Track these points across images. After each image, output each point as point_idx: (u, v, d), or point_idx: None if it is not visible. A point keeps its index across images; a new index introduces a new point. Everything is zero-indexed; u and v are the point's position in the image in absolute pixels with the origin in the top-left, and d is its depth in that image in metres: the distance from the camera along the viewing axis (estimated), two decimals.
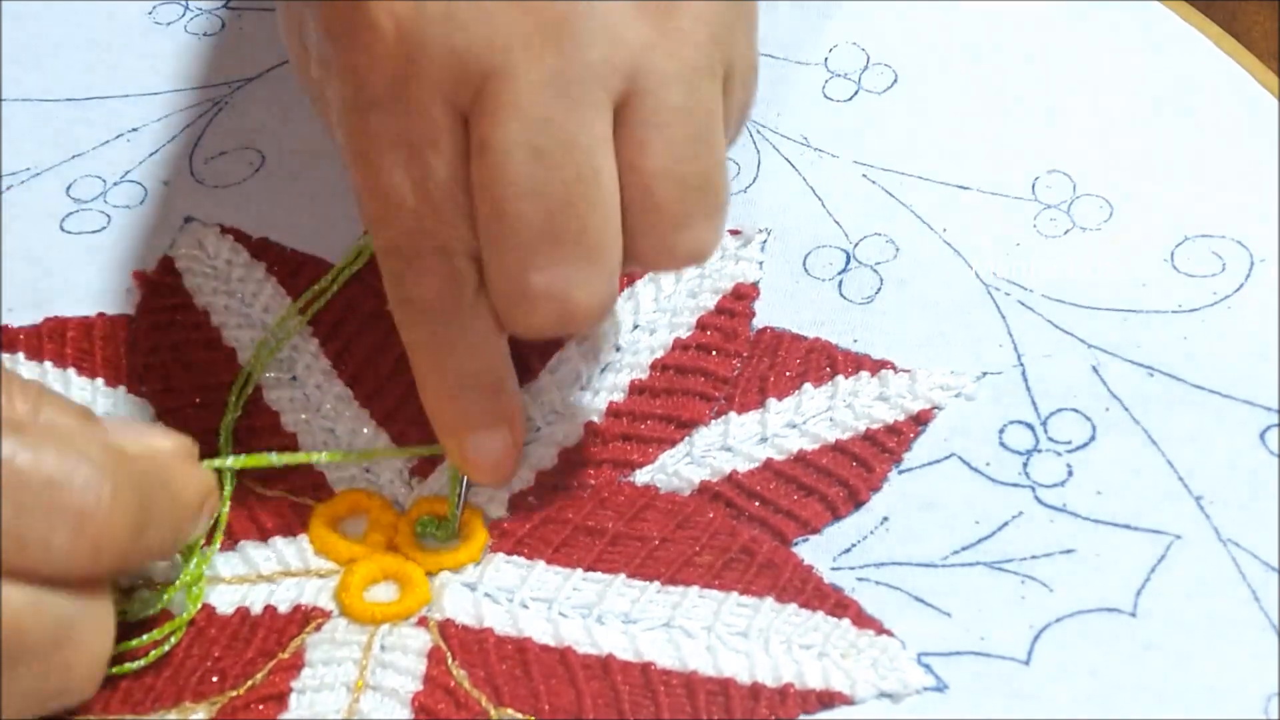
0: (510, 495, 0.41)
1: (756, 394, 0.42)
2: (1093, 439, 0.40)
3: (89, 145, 0.51)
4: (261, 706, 0.36)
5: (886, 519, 0.39)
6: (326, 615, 0.38)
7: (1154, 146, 0.47)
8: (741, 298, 0.44)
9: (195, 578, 0.38)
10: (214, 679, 0.37)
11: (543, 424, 0.42)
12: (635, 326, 0.44)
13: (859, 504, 0.40)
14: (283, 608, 0.38)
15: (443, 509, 0.40)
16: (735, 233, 0.46)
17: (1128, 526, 0.39)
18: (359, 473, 0.41)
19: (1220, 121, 0.48)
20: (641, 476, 0.41)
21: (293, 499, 0.41)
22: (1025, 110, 0.49)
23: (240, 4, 0.56)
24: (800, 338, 0.44)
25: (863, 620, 0.37)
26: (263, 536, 0.40)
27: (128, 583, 0.38)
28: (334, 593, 0.39)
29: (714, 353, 0.43)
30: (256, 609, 0.38)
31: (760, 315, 0.44)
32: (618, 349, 0.43)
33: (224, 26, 0.55)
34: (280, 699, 0.36)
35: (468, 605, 0.38)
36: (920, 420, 0.41)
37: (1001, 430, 0.41)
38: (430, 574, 0.39)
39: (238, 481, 0.41)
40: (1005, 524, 0.39)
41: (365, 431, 0.42)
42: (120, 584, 0.38)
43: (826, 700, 0.36)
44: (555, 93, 0.33)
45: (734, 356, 0.43)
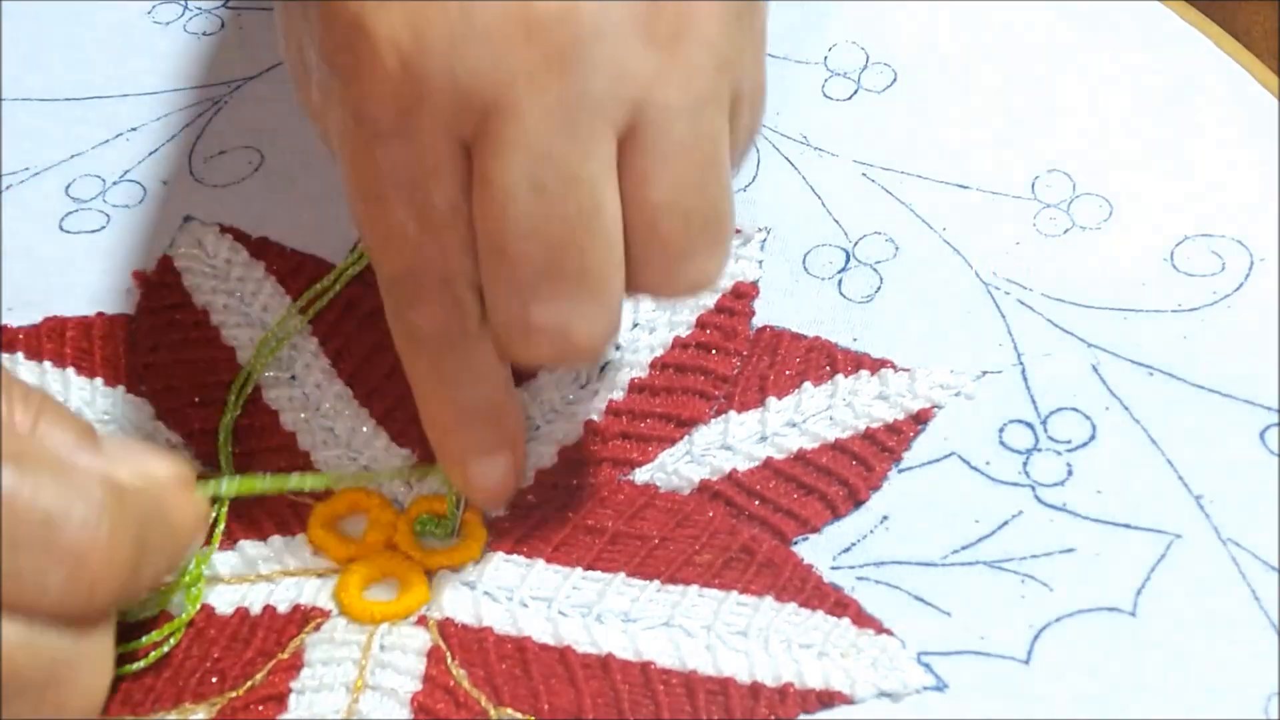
0: None
1: (756, 393, 0.42)
2: (1093, 438, 0.40)
3: (88, 145, 0.51)
4: (261, 707, 0.36)
5: (886, 518, 0.39)
6: (326, 615, 0.38)
7: (1154, 146, 0.47)
8: (741, 296, 0.44)
9: (194, 578, 0.38)
10: (213, 679, 0.37)
11: (542, 423, 0.42)
12: (635, 325, 0.44)
13: (859, 503, 0.40)
14: (282, 607, 0.38)
15: (442, 507, 0.40)
16: (735, 231, 0.46)
17: (1128, 526, 0.39)
18: (359, 471, 0.41)
19: (1220, 121, 0.48)
20: (641, 475, 0.41)
21: (291, 497, 0.41)
22: (1025, 109, 0.49)
23: (239, 3, 0.56)
24: (800, 336, 0.44)
25: (862, 619, 0.37)
26: (261, 536, 0.40)
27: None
28: (333, 592, 0.39)
29: (714, 351, 0.43)
30: (255, 609, 0.38)
31: (760, 314, 0.44)
32: (617, 347, 0.43)
33: (223, 26, 0.55)
34: (280, 699, 0.36)
35: (467, 604, 0.38)
36: (920, 419, 0.41)
37: (1001, 429, 0.41)
38: (429, 572, 0.39)
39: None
40: (1005, 523, 0.39)
41: (364, 430, 0.42)
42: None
43: (826, 699, 0.36)
44: (558, 126, 0.33)
45: (734, 355, 0.43)
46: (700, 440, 0.41)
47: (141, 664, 0.37)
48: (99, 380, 0.43)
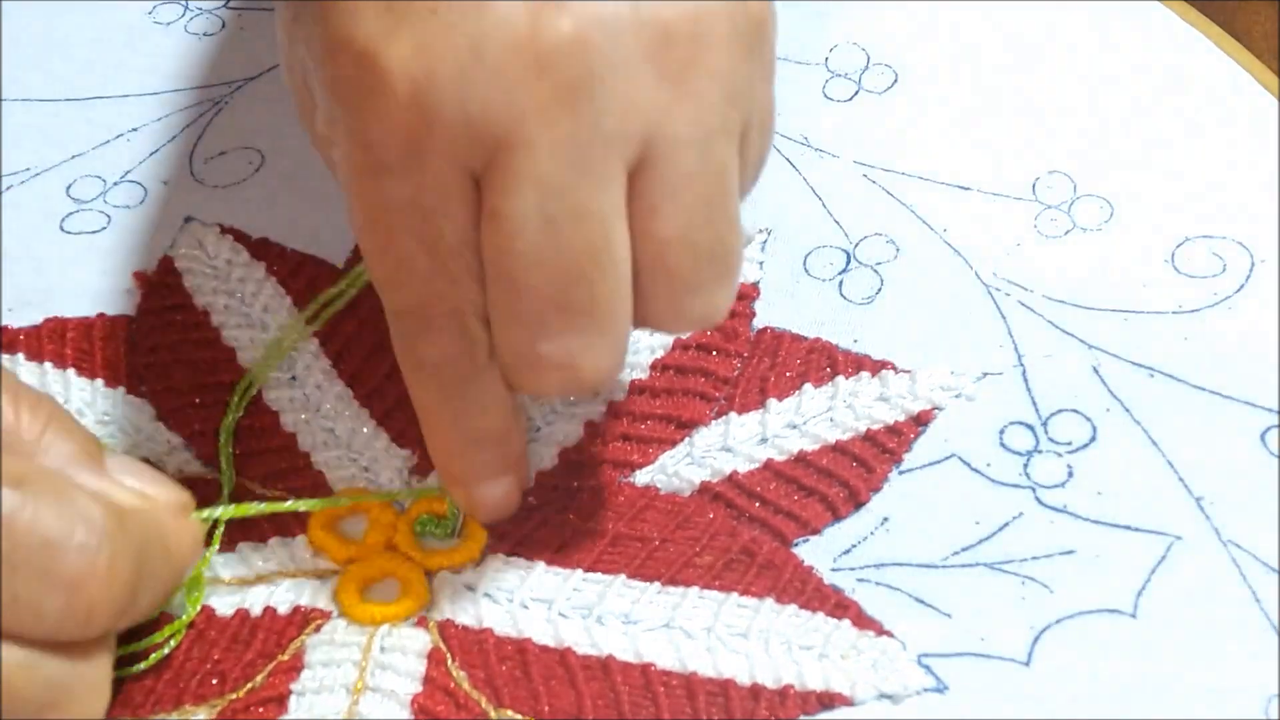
0: None
1: (757, 394, 0.42)
2: (1093, 440, 0.40)
3: (89, 145, 0.51)
4: (261, 709, 0.36)
5: (887, 520, 0.39)
6: (326, 616, 0.38)
7: (1154, 147, 0.47)
8: (742, 298, 0.44)
9: (194, 580, 0.38)
10: (214, 681, 0.37)
11: (543, 424, 0.42)
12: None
13: (859, 504, 0.40)
14: (282, 609, 0.38)
15: (442, 508, 0.40)
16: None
17: (1128, 527, 0.39)
18: (358, 472, 0.41)
19: (1220, 121, 0.48)
20: (641, 477, 0.41)
21: (292, 498, 0.41)
22: (1026, 110, 0.49)
23: (240, 4, 0.56)
24: (800, 338, 0.43)
25: (863, 621, 0.37)
26: (261, 537, 0.40)
27: None
28: (333, 593, 0.39)
29: (714, 353, 0.43)
30: (256, 610, 0.38)
31: (760, 315, 0.44)
32: None
33: (224, 26, 0.55)
34: (280, 701, 0.36)
35: (467, 605, 0.38)
36: (920, 421, 0.41)
37: (1002, 431, 0.41)
38: (429, 573, 0.39)
39: (236, 482, 0.41)
40: (1005, 525, 0.39)
41: (365, 431, 0.42)
42: None
43: (826, 701, 0.36)
44: (569, 161, 0.32)
45: (734, 356, 0.43)
46: (701, 442, 0.41)
47: (142, 666, 0.37)
48: (100, 381, 0.43)
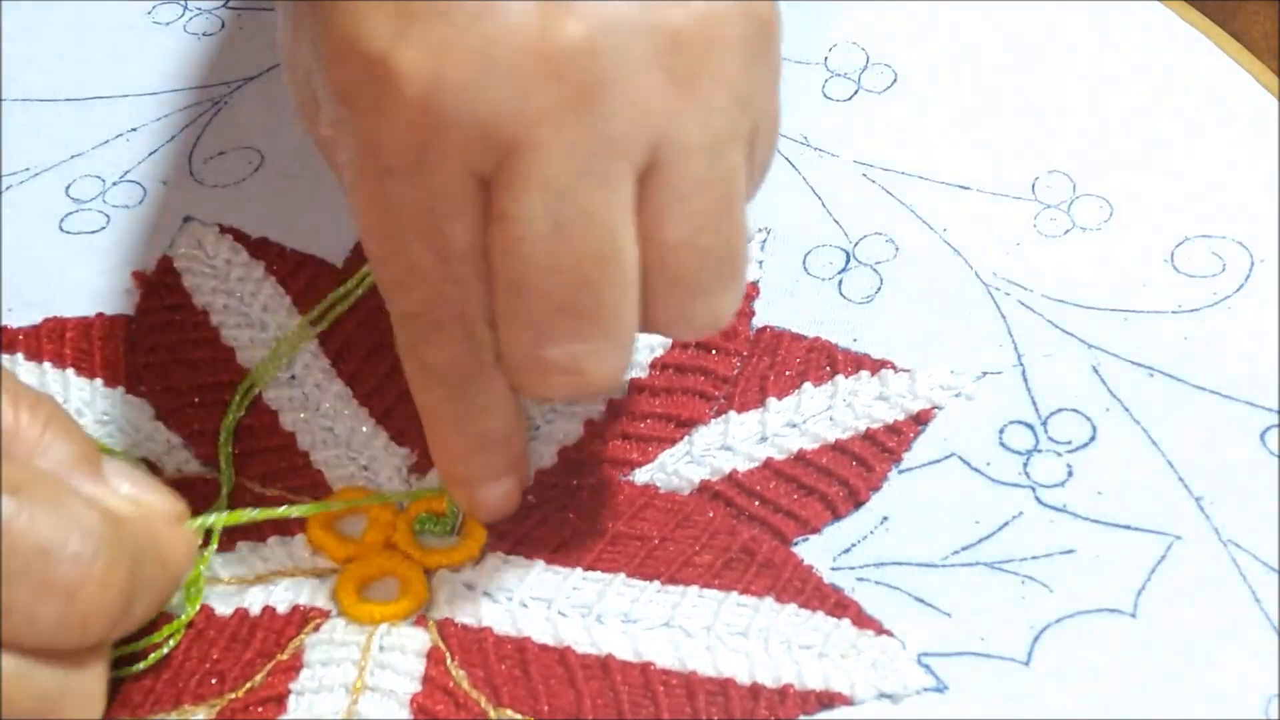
0: None
1: (756, 393, 0.42)
2: (1093, 439, 0.40)
3: (88, 145, 0.51)
4: (260, 708, 0.36)
5: (886, 519, 0.39)
6: (325, 615, 0.38)
7: (1154, 147, 0.47)
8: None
9: (193, 579, 0.38)
10: (213, 681, 0.37)
11: (542, 422, 0.42)
12: None
13: (859, 504, 0.40)
14: (281, 608, 0.38)
15: (441, 506, 0.40)
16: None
17: (1128, 527, 0.39)
18: (357, 471, 0.41)
19: (1220, 121, 0.48)
20: (641, 475, 0.41)
21: (291, 498, 0.41)
22: (1025, 110, 0.49)
23: (240, 4, 0.56)
24: (800, 337, 0.43)
25: (862, 620, 0.37)
26: (260, 536, 0.40)
27: None
28: (332, 593, 0.39)
29: (713, 351, 0.43)
30: (255, 610, 0.38)
31: (760, 314, 0.44)
32: None
33: (223, 26, 0.55)
34: (279, 700, 0.36)
35: (467, 604, 0.38)
36: (920, 420, 0.41)
37: (1001, 430, 0.41)
38: (428, 572, 0.39)
39: (236, 482, 0.41)
40: (1005, 524, 0.39)
41: (364, 430, 0.42)
42: None
43: (826, 701, 0.36)
44: (579, 166, 0.32)
45: (734, 355, 0.43)
46: (700, 441, 0.41)
47: (141, 666, 0.37)
48: (99, 381, 0.43)
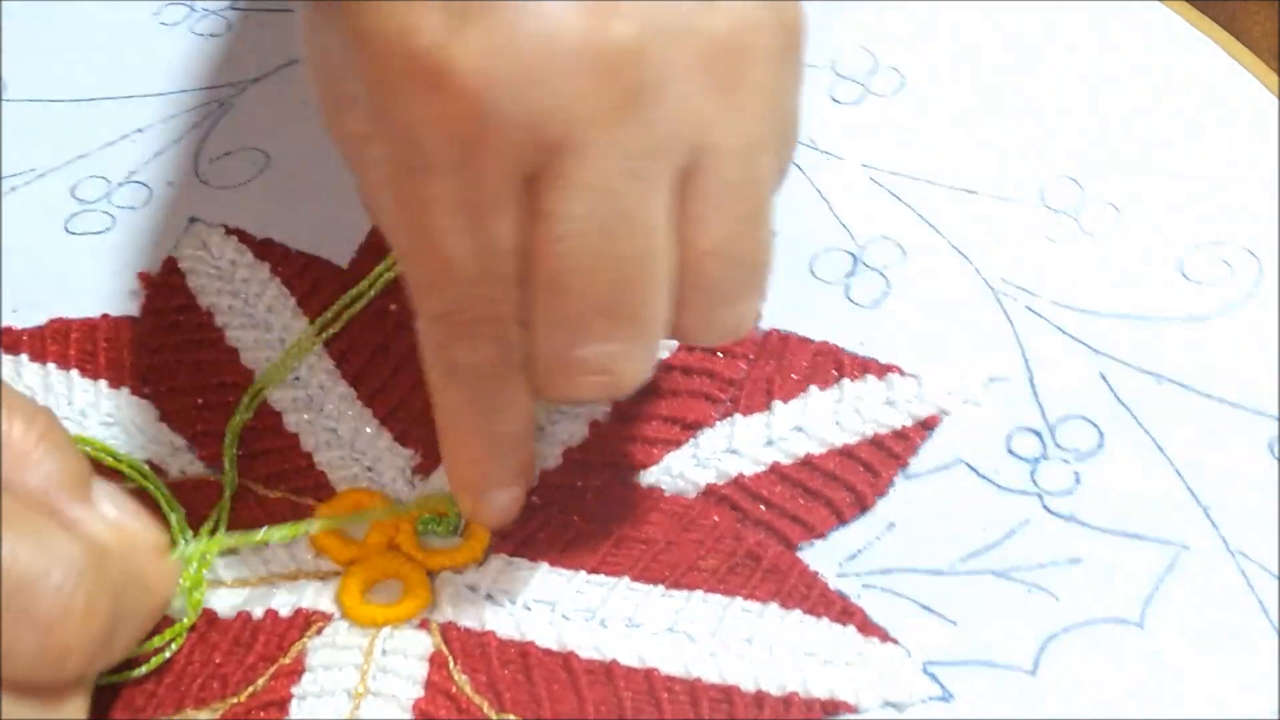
0: None
1: (762, 396, 0.42)
2: (1101, 447, 0.40)
3: (94, 146, 0.51)
4: (262, 713, 0.36)
5: (892, 525, 0.39)
6: (327, 618, 0.38)
7: (1163, 153, 0.47)
8: None
9: (195, 582, 0.38)
10: (215, 684, 0.37)
11: (547, 424, 0.42)
12: None
13: (865, 509, 0.40)
14: (284, 611, 0.38)
15: (444, 507, 0.40)
16: None
17: (1136, 536, 0.38)
18: (360, 471, 0.41)
19: (1231, 128, 0.48)
20: (646, 478, 0.41)
21: (294, 499, 0.41)
22: (1034, 114, 0.49)
23: (246, 5, 0.56)
24: (807, 340, 0.43)
25: (868, 628, 0.37)
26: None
27: None
28: (335, 595, 0.38)
29: (719, 354, 0.43)
30: (258, 613, 0.38)
31: (766, 317, 0.44)
32: None
33: (229, 27, 0.55)
34: (281, 704, 0.36)
35: (470, 607, 0.38)
36: (927, 425, 0.41)
37: (1009, 437, 0.41)
38: (431, 573, 0.39)
39: (239, 484, 0.41)
40: (1012, 532, 0.39)
41: (367, 431, 0.42)
42: None
43: (831, 709, 0.36)
44: (626, 168, 0.32)
45: (740, 358, 0.43)
46: (706, 444, 0.41)
47: (143, 670, 0.37)
48: (103, 382, 0.43)
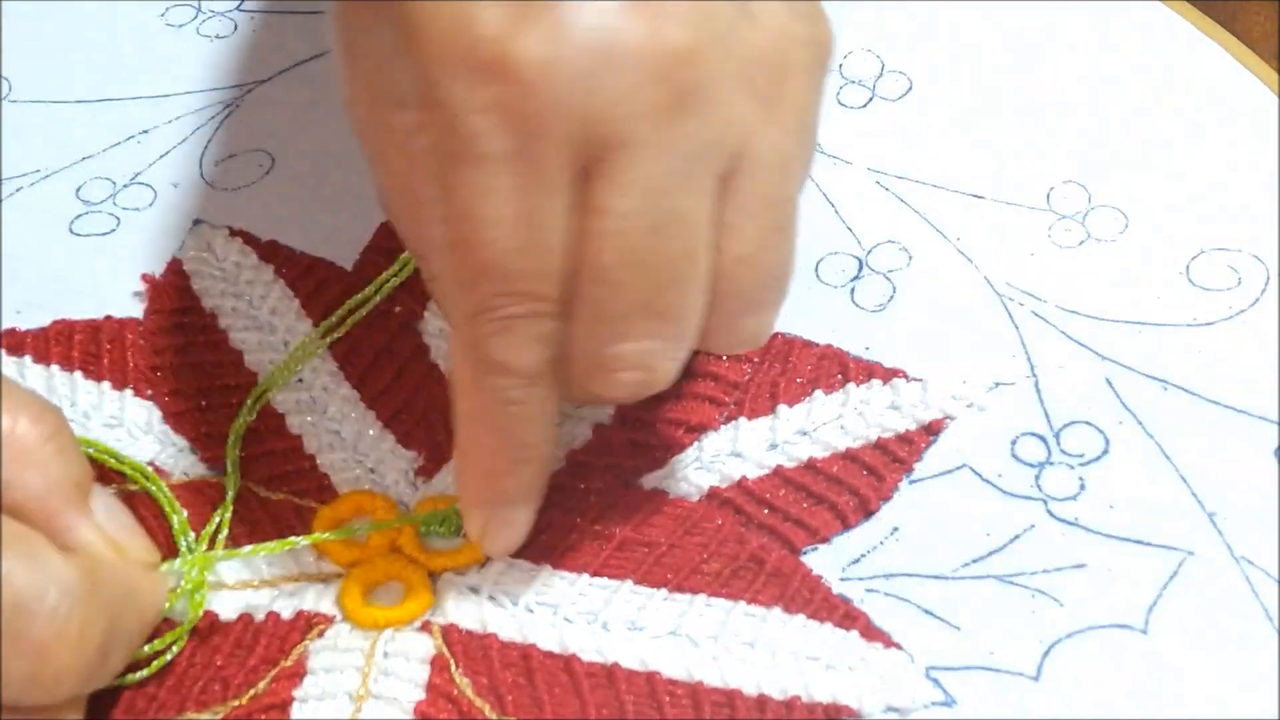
0: None
1: (767, 400, 0.42)
2: (1105, 452, 0.40)
3: (99, 147, 0.51)
4: (264, 715, 0.36)
5: (896, 529, 0.39)
6: (329, 621, 0.38)
7: (1170, 159, 0.47)
8: None
9: (197, 584, 0.38)
10: (216, 687, 0.37)
11: None
12: None
13: (869, 513, 0.39)
14: (286, 613, 0.38)
15: (446, 508, 0.40)
16: None
17: (1140, 542, 0.38)
18: (363, 474, 0.41)
19: (1231, 128, 0.48)
20: (650, 481, 0.40)
21: (297, 501, 0.41)
22: (1041, 119, 0.49)
23: (252, 7, 0.56)
24: (812, 344, 0.43)
25: (871, 632, 0.37)
26: (265, 541, 0.40)
27: None
28: (336, 597, 0.38)
29: (724, 357, 0.43)
30: (259, 615, 0.38)
31: None
32: None
33: (236, 29, 0.55)
34: (283, 707, 0.36)
35: (472, 610, 0.38)
36: (932, 430, 0.41)
37: (1014, 442, 0.41)
38: (433, 575, 0.39)
39: (241, 485, 0.41)
40: (1016, 537, 0.39)
41: (370, 433, 0.42)
42: None
43: (833, 713, 0.35)
44: (675, 167, 0.33)
45: (744, 362, 0.43)
46: (710, 447, 0.41)
47: (144, 673, 0.37)
48: (107, 383, 0.43)
